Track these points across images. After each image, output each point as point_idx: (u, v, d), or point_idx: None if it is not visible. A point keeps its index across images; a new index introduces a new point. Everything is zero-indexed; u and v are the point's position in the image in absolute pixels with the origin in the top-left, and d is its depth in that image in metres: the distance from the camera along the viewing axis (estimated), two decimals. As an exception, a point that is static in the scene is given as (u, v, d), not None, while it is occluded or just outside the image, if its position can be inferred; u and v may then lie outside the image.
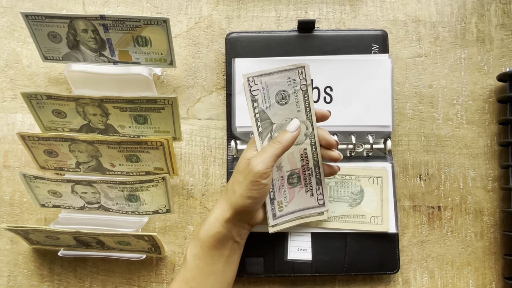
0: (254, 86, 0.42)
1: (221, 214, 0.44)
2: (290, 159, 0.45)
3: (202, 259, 0.44)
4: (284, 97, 0.43)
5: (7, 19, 0.59)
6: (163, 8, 0.59)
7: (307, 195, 0.47)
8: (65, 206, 0.53)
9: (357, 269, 0.52)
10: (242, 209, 0.43)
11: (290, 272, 0.52)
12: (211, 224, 0.44)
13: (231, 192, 0.43)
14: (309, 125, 0.44)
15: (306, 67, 0.42)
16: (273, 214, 0.47)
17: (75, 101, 0.49)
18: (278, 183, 0.46)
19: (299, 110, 0.44)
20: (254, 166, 0.41)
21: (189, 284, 0.43)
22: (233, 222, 0.44)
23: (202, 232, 0.44)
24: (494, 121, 0.57)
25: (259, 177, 0.41)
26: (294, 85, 0.43)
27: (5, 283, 0.55)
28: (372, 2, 0.59)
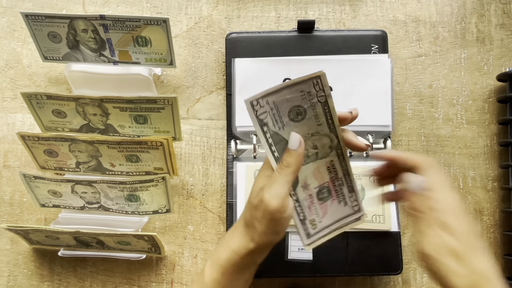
0: (260, 109, 0.36)
1: (244, 245, 0.40)
2: (316, 175, 0.41)
3: (222, 285, 0.41)
4: (299, 113, 0.38)
5: (7, 19, 0.59)
6: (163, 8, 0.59)
7: (340, 205, 0.43)
8: (65, 206, 0.53)
9: (359, 270, 0.52)
10: (266, 243, 0.40)
11: (291, 272, 0.52)
12: (235, 252, 0.40)
13: (251, 228, 0.40)
14: (333, 137, 0.39)
15: (322, 77, 0.37)
16: (307, 233, 0.42)
17: (75, 101, 0.49)
18: (307, 202, 0.41)
19: (320, 123, 0.38)
20: (269, 203, 0.37)
21: None
22: (260, 251, 0.40)
23: (224, 258, 0.41)
24: (494, 121, 0.57)
25: (277, 213, 0.37)
26: (309, 99, 0.37)
27: (5, 283, 0.55)
28: (372, 2, 0.59)
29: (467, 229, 0.36)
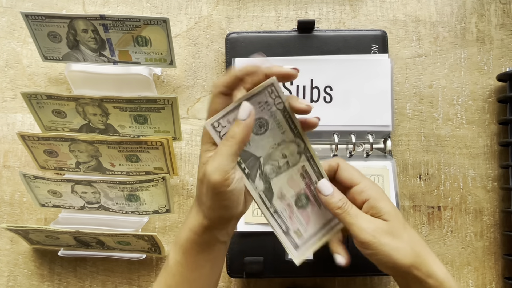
0: (223, 130, 0.36)
1: (199, 222, 0.39)
2: (291, 183, 0.40)
3: (185, 266, 0.40)
4: (261, 125, 0.37)
5: (7, 19, 0.59)
6: (163, 8, 0.59)
7: (321, 209, 0.42)
8: (65, 206, 0.53)
9: (359, 270, 0.52)
10: (218, 218, 0.38)
11: (291, 273, 0.52)
12: (192, 230, 0.39)
13: (201, 204, 0.38)
14: (299, 141, 0.39)
15: (275, 84, 0.35)
16: (294, 245, 0.41)
17: (75, 101, 0.49)
18: (287, 212, 0.41)
19: (284, 131, 0.38)
20: (210, 176, 0.35)
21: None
22: (215, 227, 0.39)
23: (183, 238, 0.39)
24: (494, 121, 0.57)
25: (220, 186, 0.35)
26: (268, 108, 0.37)
27: (5, 283, 0.55)
28: (372, 2, 0.59)
29: (391, 208, 0.39)
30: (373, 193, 0.39)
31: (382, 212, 0.38)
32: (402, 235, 0.38)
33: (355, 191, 0.40)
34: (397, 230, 0.38)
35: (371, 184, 0.40)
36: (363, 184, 0.40)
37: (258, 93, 0.36)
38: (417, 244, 0.38)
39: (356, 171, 0.41)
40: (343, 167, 0.41)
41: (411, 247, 0.38)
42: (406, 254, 0.38)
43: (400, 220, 0.39)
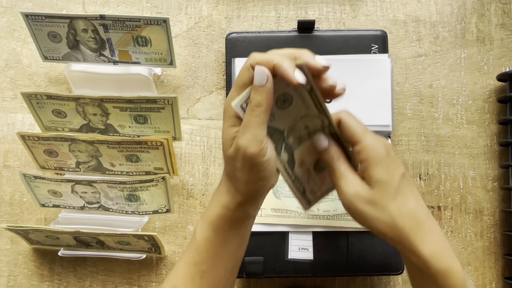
0: None
1: (232, 198, 0.39)
2: (310, 150, 0.40)
3: (214, 242, 0.40)
4: (286, 100, 0.37)
5: (7, 19, 0.59)
6: (163, 8, 0.59)
7: None
8: (65, 206, 0.53)
9: (360, 269, 0.52)
10: (254, 192, 0.38)
11: (291, 272, 0.52)
12: (224, 207, 0.39)
13: (235, 180, 0.38)
14: (324, 118, 0.38)
15: (304, 67, 0.35)
16: (308, 202, 0.42)
17: (75, 101, 0.49)
18: (305, 178, 0.41)
19: (309, 107, 0.38)
20: (246, 149, 0.35)
21: (199, 267, 0.39)
22: (248, 202, 0.39)
23: (214, 214, 0.39)
24: (494, 121, 0.57)
25: (257, 158, 0.35)
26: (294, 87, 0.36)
27: (5, 283, 0.55)
28: (372, 2, 0.59)
29: (385, 174, 0.36)
30: (370, 156, 0.37)
31: (371, 178, 0.36)
32: (386, 206, 0.36)
33: (354, 150, 0.38)
34: (381, 200, 0.36)
35: (372, 144, 0.37)
36: (362, 144, 0.37)
37: None
38: (406, 217, 0.36)
39: (359, 127, 0.38)
40: (345, 122, 0.38)
41: (394, 220, 0.36)
42: (385, 226, 0.36)
43: (391, 189, 0.36)
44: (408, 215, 0.36)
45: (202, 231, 0.40)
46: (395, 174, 0.37)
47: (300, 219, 0.52)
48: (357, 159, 0.38)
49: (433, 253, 0.35)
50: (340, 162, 0.38)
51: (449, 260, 0.36)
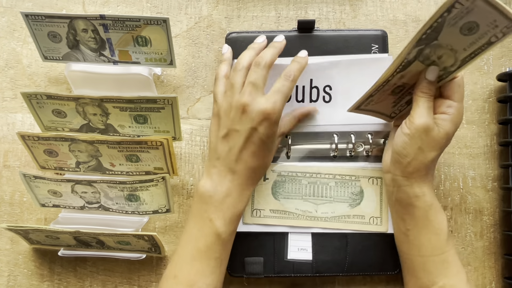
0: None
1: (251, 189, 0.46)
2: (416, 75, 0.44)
3: (234, 233, 0.45)
4: (471, 29, 0.37)
5: (7, 19, 0.59)
6: (163, 8, 0.59)
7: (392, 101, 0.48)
8: (65, 206, 0.53)
9: (358, 269, 0.52)
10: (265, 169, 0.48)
11: (290, 272, 0.52)
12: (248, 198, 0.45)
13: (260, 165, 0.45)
14: (457, 64, 0.41)
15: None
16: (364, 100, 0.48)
17: (75, 101, 0.49)
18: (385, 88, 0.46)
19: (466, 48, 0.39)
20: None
21: (220, 258, 0.43)
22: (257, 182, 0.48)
23: (242, 209, 0.44)
24: (494, 121, 0.57)
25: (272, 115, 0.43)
26: (491, 27, 0.36)
27: (5, 283, 0.56)
28: (372, 2, 0.59)
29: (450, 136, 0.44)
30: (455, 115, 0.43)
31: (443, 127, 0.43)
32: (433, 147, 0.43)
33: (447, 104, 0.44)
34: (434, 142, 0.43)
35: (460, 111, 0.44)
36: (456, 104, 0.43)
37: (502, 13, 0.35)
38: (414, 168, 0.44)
39: (462, 94, 0.44)
40: (458, 81, 0.43)
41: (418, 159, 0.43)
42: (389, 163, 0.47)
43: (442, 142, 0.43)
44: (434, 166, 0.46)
45: (228, 227, 0.43)
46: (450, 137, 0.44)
47: (299, 221, 0.52)
48: (445, 109, 0.43)
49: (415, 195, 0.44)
50: (430, 98, 0.43)
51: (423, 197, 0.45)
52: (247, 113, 0.42)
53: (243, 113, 0.42)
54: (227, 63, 0.49)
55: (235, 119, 0.43)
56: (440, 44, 0.39)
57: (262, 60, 0.45)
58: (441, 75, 0.43)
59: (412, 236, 0.45)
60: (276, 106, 0.42)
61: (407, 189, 0.44)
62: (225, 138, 0.43)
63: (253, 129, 0.42)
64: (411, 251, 0.46)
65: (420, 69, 0.43)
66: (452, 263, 0.43)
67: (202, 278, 0.42)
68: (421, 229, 0.44)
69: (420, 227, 0.44)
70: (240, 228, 0.51)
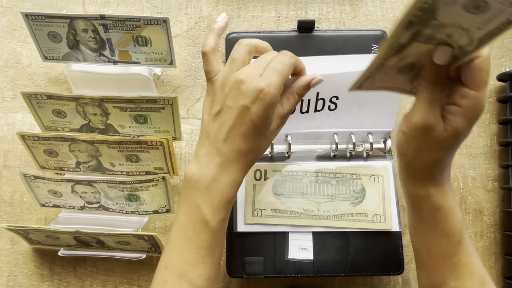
0: None
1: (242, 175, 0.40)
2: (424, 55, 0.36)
3: (225, 221, 0.41)
4: (477, 6, 0.31)
5: (7, 19, 0.59)
6: (163, 8, 0.59)
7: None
8: (65, 206, 0.53)
9: (360, 270, 0.52)
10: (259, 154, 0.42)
11: (291, 272, 0.52)
12: (237, 186, 0.40)
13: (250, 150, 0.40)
14: (475, 45, 0.33)
15: None
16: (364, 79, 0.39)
17: (75, 101, 0.49)
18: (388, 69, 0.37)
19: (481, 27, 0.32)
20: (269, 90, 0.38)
21: (210, 248, 0.40)
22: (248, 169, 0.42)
23: (230, 196, 0.40)
24: (494, 121, 0.57)
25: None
26: (507, 5, 0.30)
27: (5, 283, 0.55)
28: (372, 2, 0.59)
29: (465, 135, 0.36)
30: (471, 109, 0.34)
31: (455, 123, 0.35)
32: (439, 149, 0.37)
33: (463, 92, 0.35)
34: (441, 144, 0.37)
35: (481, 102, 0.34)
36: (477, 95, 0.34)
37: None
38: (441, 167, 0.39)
39: (486, 78, 0.34)
40: (480, 63, 0.34)
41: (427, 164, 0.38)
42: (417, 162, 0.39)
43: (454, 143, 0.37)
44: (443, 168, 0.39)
45: (217, 214, 0.39)
46: (466, 135, 0.37)
47: (300, 220, 0.52)
48: (457, 99, 0.35)
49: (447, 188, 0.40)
50: (435, 88, 0.35)
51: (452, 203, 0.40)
52: (242, 90, 0.38)
53: (239, 89, 0.38)
54: (215, 35, 0.43)
55: (229, 95, 0.39)
56: (444, 24, 0.33)
57: (289, 54, 0.41)
58: (457, 54, 0.34)
59: (421, 234, 0.41)
60: (271, 84, 0.38)
61: (411, 187, 0.40)
62: (217, 115, 0.40)
63: (245, 107, 0.38)
64: (421, 248, 0.42)
65: (425, 49, 0.35)
66: (466, 265, 0.39)
67: (193, 268, 0.39)
68: (428, 229, 0.40)
69: (428, 227, 0.40)
70: (241, 228, 0.51)
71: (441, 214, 0.39)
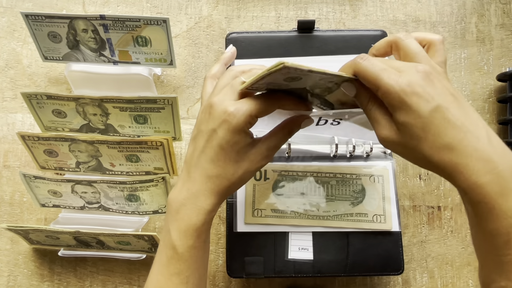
0: None
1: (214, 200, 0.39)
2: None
3: (198, 247, 0.39)
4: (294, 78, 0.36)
5: (7, 19, 0.59)
6: (163, 8, 0.59)
7: None
8: (65, 206, 0.53)
9: (360, 270, 0.52)
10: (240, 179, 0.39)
11: (291, 272, 0.52)
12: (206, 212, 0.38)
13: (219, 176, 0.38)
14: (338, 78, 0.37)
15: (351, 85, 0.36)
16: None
17: (75, 101, 0.49)
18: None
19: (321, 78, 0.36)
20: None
21: (183, 274, 0.39)
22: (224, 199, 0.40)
23: (198, 222, 0.38)
24: (494, 121, 0.57)
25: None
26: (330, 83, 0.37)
27: (5, 283, 0.55)
28: (372, 2, 0.59)
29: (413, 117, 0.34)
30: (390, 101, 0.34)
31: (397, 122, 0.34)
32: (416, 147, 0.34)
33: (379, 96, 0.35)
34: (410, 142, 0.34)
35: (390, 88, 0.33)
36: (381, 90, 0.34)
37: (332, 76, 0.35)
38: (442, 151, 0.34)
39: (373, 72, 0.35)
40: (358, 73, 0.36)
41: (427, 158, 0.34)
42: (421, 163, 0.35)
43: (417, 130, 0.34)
44: (443, 148, 0.33)
45: (184, 241, 0.38)
46: (423, 111, 0.33)
47: (300, 220, 0.52)
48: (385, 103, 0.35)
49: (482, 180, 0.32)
50: (371, 107, 0.36)
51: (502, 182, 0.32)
52: (212, 113, 0.37)
53: (209, 113, 0.37)
54: (221, 63, 0.45)
55: (203, 119, 0.38)
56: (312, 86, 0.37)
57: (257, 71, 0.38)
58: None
59: (470, 226, 0.38)
60: (240, 108, 0.36)
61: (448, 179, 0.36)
62: (193, 139, 0.39)
63: (213, 130, 0.37)
64: (473, 241, 0.39)
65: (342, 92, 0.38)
66: None
67: None
68: (473, 226, 0.37)
69: (472, 224, 0.37)
70: (241, 228, 0.51)
71: (479, 210, 0.34)
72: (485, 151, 0.33)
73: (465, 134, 0.33)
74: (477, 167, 0.33)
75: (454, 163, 0.33)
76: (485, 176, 0.32)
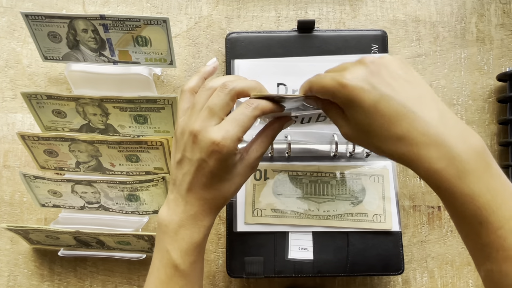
0: None
1: (211, 218, 0.40)
2: None
3: (199, 263, 0.40)
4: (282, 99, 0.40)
5: (7, 19, 0.59)
6: (163, 8, 0.59)
7: None
8: (65, 206, 0.53)
9: (360, 270, 0.52)
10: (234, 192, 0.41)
11: (291, 272, 0.52)
12: (206, 229, 0.40)
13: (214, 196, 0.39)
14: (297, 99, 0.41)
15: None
16: None
17: (75, 101, 0.49)
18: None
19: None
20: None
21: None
22: (218, 211, 0.41)
23: (200, 239, 0.39)
24: (494, 121, 0.57)
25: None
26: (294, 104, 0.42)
27: (5, 283, 0.55)
28: (372, 2, 0.59)
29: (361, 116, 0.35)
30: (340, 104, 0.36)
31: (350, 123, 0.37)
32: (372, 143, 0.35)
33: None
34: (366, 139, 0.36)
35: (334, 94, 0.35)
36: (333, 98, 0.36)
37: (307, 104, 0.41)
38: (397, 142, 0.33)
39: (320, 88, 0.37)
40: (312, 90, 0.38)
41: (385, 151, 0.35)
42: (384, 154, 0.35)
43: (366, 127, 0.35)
44: (392, 140, 0.33)
45: (186, 258, 0.39)
46: (366, 103, 0.33)
47: (300, 219, 0.52)
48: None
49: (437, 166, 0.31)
50: (327, 112, 0.38)
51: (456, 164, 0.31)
52: (197, 142, 0.37)
53: (194, 142, 0.37)
54: (199, 76, 0.43)
55: (187, 146, 0.38)
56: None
57: (230, 84, 0.38)
58: None
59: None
60: (227, 136, 0.36)
61: None
62: (179, 163, 0.39)
63: (202, 160, 0.37)
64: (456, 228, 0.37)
65: None
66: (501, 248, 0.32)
67: None
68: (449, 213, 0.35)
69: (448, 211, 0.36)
70: (241, 228, 0.51)
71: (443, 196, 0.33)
72: (437, 134, 0.32)
73: (412, 121, 0.32)
74: (429, 154, 0.32)
75: (405, 153, 0.33)
76: (440, 161, 0.31)
